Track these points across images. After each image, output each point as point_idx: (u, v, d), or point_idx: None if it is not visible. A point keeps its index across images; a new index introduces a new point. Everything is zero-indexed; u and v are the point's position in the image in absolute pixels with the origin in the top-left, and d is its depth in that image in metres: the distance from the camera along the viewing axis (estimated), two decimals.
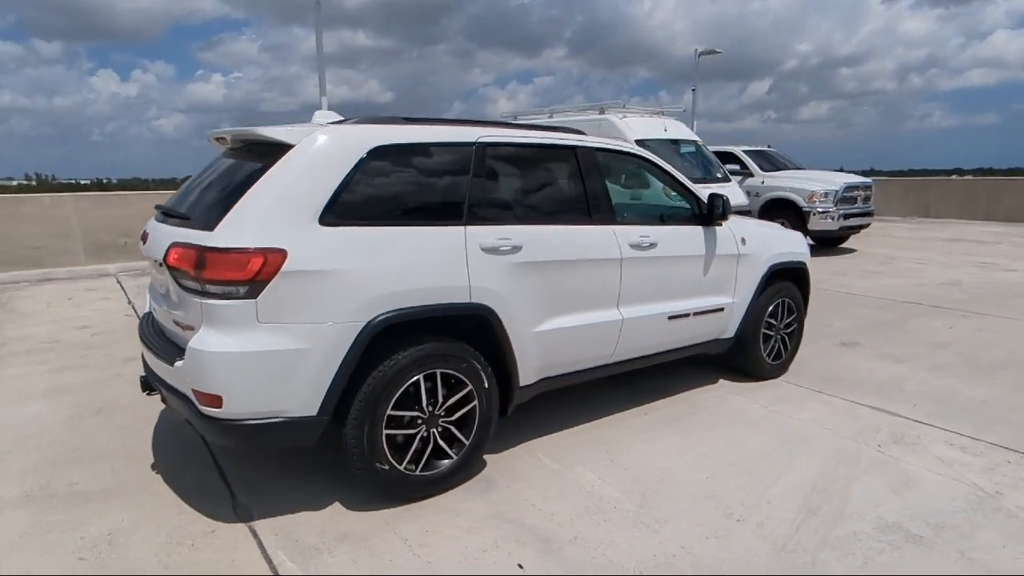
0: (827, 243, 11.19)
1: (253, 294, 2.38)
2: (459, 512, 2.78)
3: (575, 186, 3.38)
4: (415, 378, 2.73)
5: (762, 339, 4.37)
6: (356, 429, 2.62)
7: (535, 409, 3.82)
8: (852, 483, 3.03)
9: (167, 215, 2.84)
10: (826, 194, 10.15)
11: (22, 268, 9.37)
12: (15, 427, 3.71)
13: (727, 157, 11.45)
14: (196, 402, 2.48)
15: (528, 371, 3.15)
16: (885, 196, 16.56)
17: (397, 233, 2.69)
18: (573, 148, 3.40)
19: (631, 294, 3.51)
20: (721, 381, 4.47)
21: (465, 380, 2.89)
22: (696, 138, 10.34)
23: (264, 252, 2.39)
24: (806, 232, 10.42)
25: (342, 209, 2.59)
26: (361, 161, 2.66)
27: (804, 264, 4.60)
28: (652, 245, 3.57)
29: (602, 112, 10.05)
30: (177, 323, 2.66)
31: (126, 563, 2.42)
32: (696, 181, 9.39)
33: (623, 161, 3.79)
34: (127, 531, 2.63)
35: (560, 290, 3.19)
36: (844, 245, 11.42)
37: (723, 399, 4.15)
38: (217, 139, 3.06)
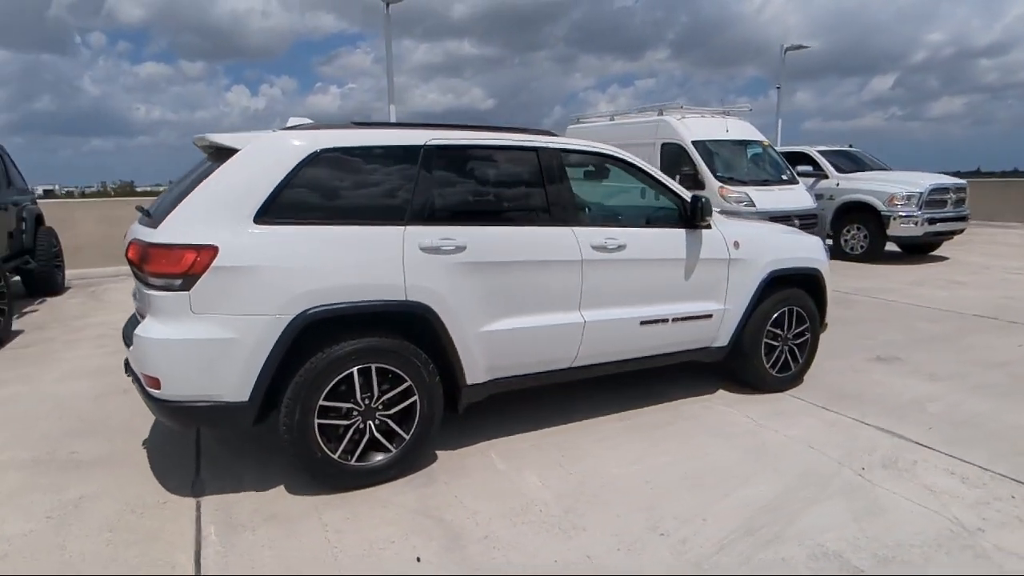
0: (914, 250, 10.22)
1: (187, 286, 2.60)
2: (388, 504, 2.86)
3: (533, 187, 3.36)
4: (349, 371, 2.84)
5: (764, 349, 4.11)
6: (288, 417, 2.77)
7: (507, 408, 3.84)
8: (810, 506, 2.81)
9: (144, 214, 3.14)
10: (908, 197, 9.27)
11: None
12: (54, 400, 4.22)
13: (800, 158, 10.77)
14: (144, 383, 2.73)
15: (476, 370, 3.18)
16: (1003, 199, 14.88)
17: (332, 232, 2.82)
18: (535, 149, 3.39)
19: (595, 297, 3.44)
20: (720, 391, 4.26)
21: (403, 376, 2.97)
22: (762, 138, 9.83)
23: (196, 248, 2.59)
24: (886, 238, 9.60)
25: (279, 209, 2.76)
26: (301, 164, 2.82)
27: (817, 270, 4.28)
28: (620, 247, 3.48)
29: (660, 114, 9.81)
30: (138, 312, 2.94)
31: (82, 524, 2.70)
32: (760, 183, 9.02)
33: (597, 162, 3.72)
34: (95, 496, 2.93)
35: (510, 290, 3.19)
36: (936, 253, 10.39)
37: (713, 409, 3.95)
38: (197, 145, 3.33)
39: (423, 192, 3.04)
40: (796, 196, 9.00)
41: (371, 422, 2.95)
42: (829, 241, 10.29)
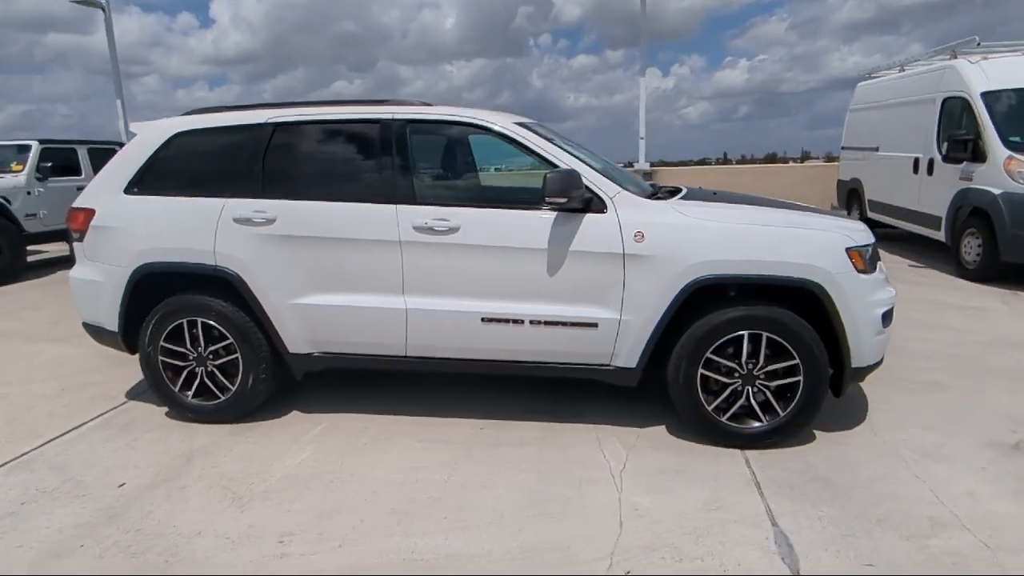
0: None
1: (81, 239, 3.46)
2: (191, 438, 3.25)
3: (364, 161, 3.18)
4: (179, 322, 3.33)
5: (701, 383, 2.98)
6: (143, 350, 3.42)
7: (409, 387, 3.80)
8: None
9: None
10: None
11: None
12: None
13: None
14: None
15: (296, 341, 3.28)
16: None
17: (169, 202, 3.30)
18: (376, 121, 3.19)
19: (420, 282, 3.09)
20: (657, 429, 3.25)
21: (226, 333, 3.31)
22: None
23: (84, 211, 3.42)
24: None
25: (143, 182, 3.37)
26: (162, 145, 3.37)
27: (814, 283, 2.83)
28: (452, 230, 3.03)
29: (954, 56, 7.08)
30: None
31: (72, 395, 3.88)
32: None
33: (459, 132, 3.23)
34: (104, 383, 4.12)
35: (321, 266, 3.16)
36: None
37: (598, 446, 3.08)
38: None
39: (248, 167, 3.25)
40: None
41: (203, 369, 3.39)
42: None
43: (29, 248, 8.56)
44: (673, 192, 3.42)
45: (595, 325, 3.01)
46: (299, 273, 3.20)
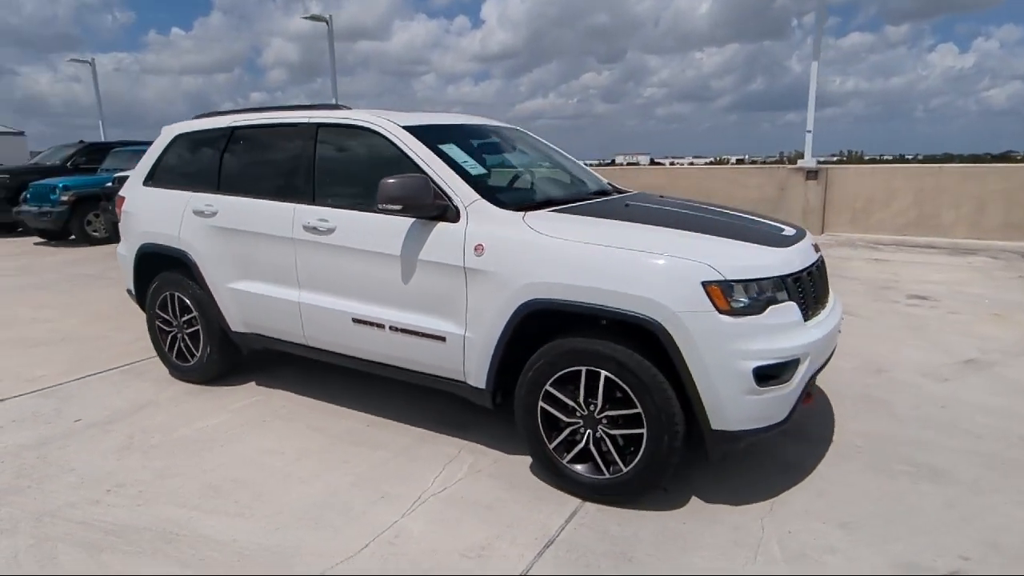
0: None
1: (120, 220, 4.29)
2: (159, 393, 3.88)
3: (280, 162, 3.42)
4: (166, 293, 3.97)
5: (543, 417, 2.68)
6: (147, 314, 4.16)
7: (354, 379, 4.04)
8: None
9: None
10: None
11: None
12: None
13: None
14: None
15: (235, 320, 3.69)
16: None
17: (163, 193, 3.92)
18: (295, 125, 3.40)
19: (308, 279, 3.26)
20: (523, 459, 2.99)
21: (191, 307, 3.86)
22: None
23: (121, 198, 4.24)
24: None
25: (155, 176, 4.06)
26: (168, 146, 4.02)
27: (653, 321, 2.34)
28: (330, 231, 3.12)
29: None
30: None
31: (122, 355, 4.88)
32: None
33: (358, 138, 3.23)
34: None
35: (245, 256, 3.50)
36: None
37: (440, 461, 2.96)
38: None
39: (211, 166, 3.72)
40: None
41: (181, 335, 4.00)
42: None
43: None
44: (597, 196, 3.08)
45: (443, 339, 2.88)
46: (232, 260, 3.59)
